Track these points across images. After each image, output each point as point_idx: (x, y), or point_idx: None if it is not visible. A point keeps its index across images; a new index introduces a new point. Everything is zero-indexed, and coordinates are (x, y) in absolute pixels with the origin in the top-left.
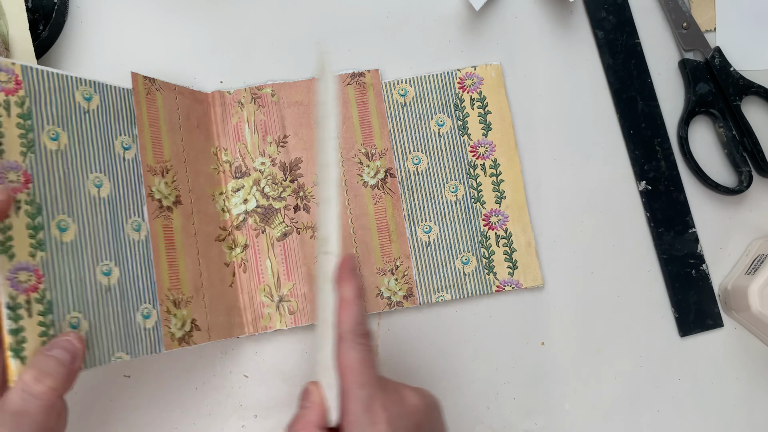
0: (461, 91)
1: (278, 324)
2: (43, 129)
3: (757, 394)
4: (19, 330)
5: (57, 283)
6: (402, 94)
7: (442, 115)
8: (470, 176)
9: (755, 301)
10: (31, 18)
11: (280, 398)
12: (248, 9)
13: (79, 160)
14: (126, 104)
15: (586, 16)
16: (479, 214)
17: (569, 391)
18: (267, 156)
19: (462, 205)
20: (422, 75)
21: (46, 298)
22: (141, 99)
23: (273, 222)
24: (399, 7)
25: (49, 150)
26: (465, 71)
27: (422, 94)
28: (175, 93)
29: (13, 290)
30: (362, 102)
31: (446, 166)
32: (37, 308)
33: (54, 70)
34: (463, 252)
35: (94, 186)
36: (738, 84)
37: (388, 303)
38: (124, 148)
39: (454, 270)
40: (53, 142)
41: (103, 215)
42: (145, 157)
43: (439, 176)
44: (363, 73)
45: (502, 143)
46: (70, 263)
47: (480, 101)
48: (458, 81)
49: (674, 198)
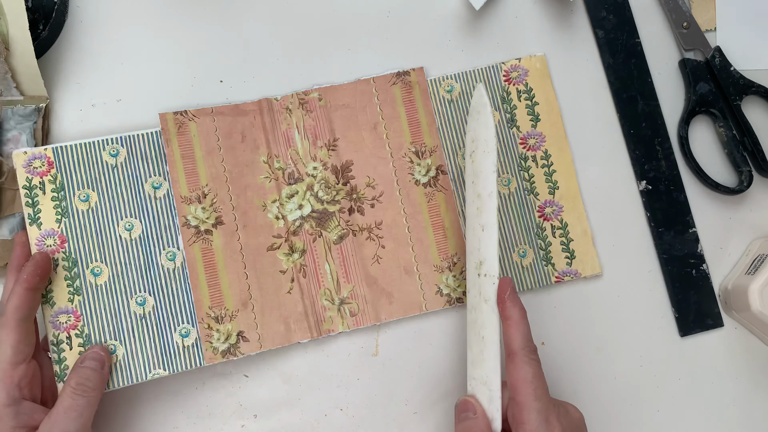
0: (507, 83)
1: (341, 327)
2: (74, 194)
3: (757, 394)
4: (63, 360)
5: (93, 318)
6: (448, 90)
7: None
8: (522, 168)
9: (755, 301)
10: (31, 18)
11: (280, 398)
12: (248, 8)
13: (109, 212)
14: (155, 146)
15: (586, 15)
16: (534, 206)
17: (569, 391)
18: (319, 160)
19: (515, 197)
20: (467, 70)
21: (84, 333)
22: (171, 136)
23: (329, 226)
24: (399, 7)
25: (81, 210)
26: (510, 63)
27: (469, 89)
28: (213, 115)
29: (55, 330)
30: (409, 101)
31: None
32: (77, 341)
33: (81, 140)
34: (520, 245)
35: (125, 230)
36: (738, 83)
37: (448, 300)
38: (154, 188)
39: (512, 263)
40: (84, 203)
41: (135, 254)
42: (178, 190)
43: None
44: (408, 72)
45: (551, 133)
46: (104, 300)
47: (527, 93)
48: (503, 74)
49: (674, 198)
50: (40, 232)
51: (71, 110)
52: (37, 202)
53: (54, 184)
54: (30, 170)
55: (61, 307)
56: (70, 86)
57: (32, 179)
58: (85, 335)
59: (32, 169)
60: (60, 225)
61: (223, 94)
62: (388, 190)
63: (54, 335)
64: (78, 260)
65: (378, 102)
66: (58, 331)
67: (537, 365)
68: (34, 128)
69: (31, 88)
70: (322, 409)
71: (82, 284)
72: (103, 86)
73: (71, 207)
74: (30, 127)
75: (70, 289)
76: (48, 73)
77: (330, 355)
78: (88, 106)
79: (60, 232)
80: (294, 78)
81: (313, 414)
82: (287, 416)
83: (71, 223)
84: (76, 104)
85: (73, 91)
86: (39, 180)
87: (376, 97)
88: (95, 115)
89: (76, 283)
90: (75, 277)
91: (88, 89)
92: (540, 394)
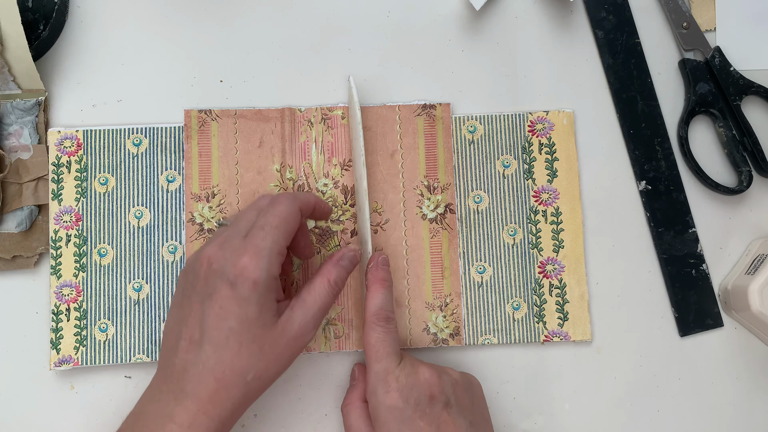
0: (531, 134)
1: (323, 347)
2: (95, 177)
3: (757, 394)
4: (59, 330)
5: (92, 296)
6: (471, 131)
7: (508, 156)
8: (530, 221)
9: (755, 301)
10: (31, 18)
11: (280, 398)
12: (248, 8)
13: (123, 198)
14: (175, 140)
15: (586, 15)
16: (536, 260)
17: (569, 391)
18: (330, 178)
19: (519, 249)
20: (494, 114)
21: (82, 308)
22: (192, 133)
23: (329, 244)
24: (399, 7)
25: (98, 193)
26: (536, 115)
27: (491, 132)
28: (235, 118)
29: (57, 301)
30: (430, 134)
31: (507, 208)
32: (75, 315)
33: (110, 126)
34: (515, 297)
35: (134, 217)
36: (738, 84)
37: (434, 339)
38: (168, 181)
39: (503, 314)
40: (102, 186)
41: (139, 241)
42: (189, 186)
43: (499, 217)
44: (434, 106)
45: (566, 192)
46: (105, 281)
47: (548, 147)
48: (529, 124)
49: (674, 198)
50: (59, 208)
51: (72, 110)
52: (61, 179)
53: (79, 165)
54: (60, 149)
55: (66, 280)
56: (71, 86)
57: (61, 157)
58: (82, 310)
59: (63, 148)
60: (78, 204)
61: (223, 94)
62: (394, 219)
63: (55, 305)
64: (88, 239)
65: (399, 130)
66: (59, 302)
67: (382, 330)
68: (36, 122)
69: (28, 82)
70: (321, 410)
71: (87, 262)
72: (103, 86)
73: (90, 188)
74: (32, 121)
75: (77, 265)
76: (48, 73)
77: (330, 355)
78: (89, 106)
79: (77, 210)
80: (294, 78)
81: (313, 414)
82: (287, 416)
83: (88, 204)
84: (77, 104)
85: (74, 91)
86: (67, 159)
87: (399, 126)
88: (96, 115)
89: (83, 260)
90: (83, 255)
91: (88, 89)
92: (381, 356)
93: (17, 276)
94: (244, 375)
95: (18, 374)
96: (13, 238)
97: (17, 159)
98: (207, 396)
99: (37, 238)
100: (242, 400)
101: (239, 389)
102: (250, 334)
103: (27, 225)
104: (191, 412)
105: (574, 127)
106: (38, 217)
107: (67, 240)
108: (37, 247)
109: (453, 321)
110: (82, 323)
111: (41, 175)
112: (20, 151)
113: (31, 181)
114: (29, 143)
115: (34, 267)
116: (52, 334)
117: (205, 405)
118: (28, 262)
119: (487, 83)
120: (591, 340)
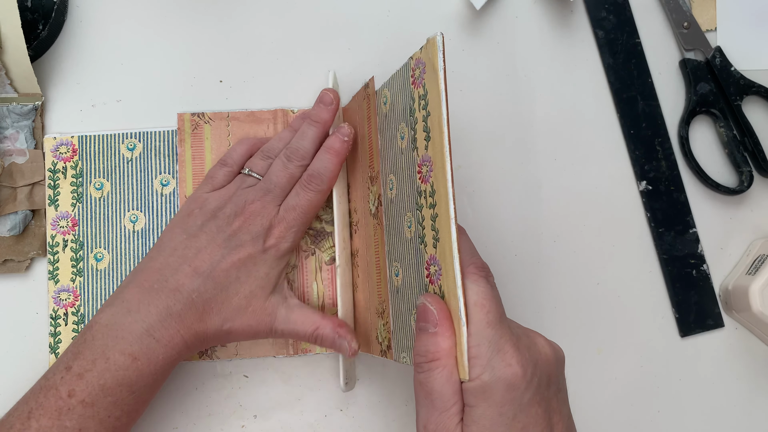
0: (413, 87)
1: (318, 348)
2: (90, 182)
3: (757, 395)
4: (57, 334)
5: (89, 300)
6: (384, 102)
7: (401, 124)
8: (417, 207)
9: (756, 301)
10: (30, 18)
11: (280, 398)
12: (248, 8)
13: (119, 203)
14: (169, 144)
15: (587, 15)
16: (423, 259)
17: (569, 392)
18: None
19: (413, 245)
20: (392, 71)
21: (79, 312)
22: (185, 137)
23: (323, 245)
24: (399, 7)
25: (94, 198)
26: (416, 57)
27: (394, 98)
28: (228, 120)
29: (55, 305)
30: (368, 117)
31: (406, 192)
32: (72, 319)
33: (104, 132)
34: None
35: (129, 221)
36: (739, 84)
37: (381, 350)
38: (162, 185)
39: (409, 327)
40: (98, 191)
41: (135, 245)
42: (183, 189)
43: (402, 205)
44: (367, 84)
45: (436, 160)
46: (101, 285)
47: (423, 98)
48: (411, 73)
49: (675, 198)
50: (56, 213)
51: (71, 110)
52: (57, 185)
53: (74, 170)
54: (56, 155)
55: (64, 285)
56: (70, 86)
57: (57, 163)
58: (80, 315)
59: (58, 154)
60: (74, 209)
61: (223, 94)
62: (362, 218)
63: (53, 310)
64: (84, 244)
65: (359, 119)
66: (57, 307)
67: (486, 284)
68: (32, 127)
69: (25, 86)
70: (322, 410)
71: (84, 267)
72: (102, 86)
73: (86, 193)
74: (29, 126)
75: (74, 270)
76: (48, 73)
77: (330, 356)
78: (88, 107)
79: (73, 216)
80: (294, 78)
81: (313, 414)
82: (287, 416)
83: (84, 209)
84: (76, 104)
85: (73, 91)
86: (62, 165)
87: (361, 114)
88: (95, 115)
89: (80, 265)
90: (79, 260)
91: (87, 89)
92: (493, 319)
93: (9, 280)
94: (222, 323)
95: (18, 375)
96: (5, 242)
97: (11, 163)
98: (190, 322)
99: (29, 243)
100: (212, 343)
101: (215, 331)
102: (248, 291)
103: (20, 229)
104: (171, 331)
105: (439, 56)
106: (32, 222)
107: (63, 245)
108: (29, 252)
109: (386, 332)
110: (79, 327)
111: (37, 180)
112: (15, 155)
113: (26, 186)
114: (25, 147)
115: (25, 272)
116: (51, 339)
117: (186, 330)
118: (20, 266)
119: (487, 83)
120: (466, 379)
